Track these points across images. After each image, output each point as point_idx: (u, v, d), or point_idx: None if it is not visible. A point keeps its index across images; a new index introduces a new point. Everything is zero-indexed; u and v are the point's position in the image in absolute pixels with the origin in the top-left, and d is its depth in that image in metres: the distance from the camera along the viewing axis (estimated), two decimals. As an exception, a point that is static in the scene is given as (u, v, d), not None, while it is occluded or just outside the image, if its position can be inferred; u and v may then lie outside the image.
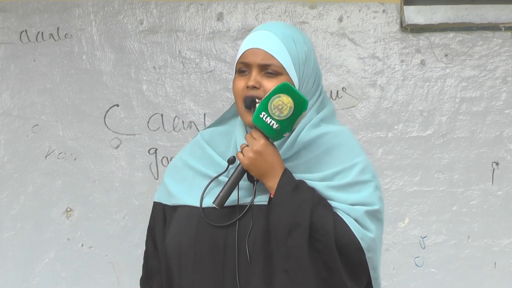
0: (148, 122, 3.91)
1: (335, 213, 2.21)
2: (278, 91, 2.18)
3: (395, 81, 3.92)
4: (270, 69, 2.25)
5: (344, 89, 3.90)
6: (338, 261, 2.18)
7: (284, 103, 2.17)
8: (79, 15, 3.90)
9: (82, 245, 3.90)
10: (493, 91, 3.92)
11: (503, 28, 3.91)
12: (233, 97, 2.30)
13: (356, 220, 2.22)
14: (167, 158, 3.89)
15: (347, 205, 2.23)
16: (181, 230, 2.28)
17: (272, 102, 2.18)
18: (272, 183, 2.21)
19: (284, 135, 2.22)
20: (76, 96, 3.90)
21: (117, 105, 3.90)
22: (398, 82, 3.92)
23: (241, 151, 2.22)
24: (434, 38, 3.91)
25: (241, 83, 2.27)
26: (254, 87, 2.24)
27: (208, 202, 2.25)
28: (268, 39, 2.27)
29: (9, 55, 3.90)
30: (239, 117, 2.32)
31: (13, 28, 3.90)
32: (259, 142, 2.20)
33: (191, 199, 2.30)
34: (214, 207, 2.22)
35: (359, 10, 3.91)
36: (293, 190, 2.20)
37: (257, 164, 2.20)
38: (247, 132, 2.29)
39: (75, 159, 3.90)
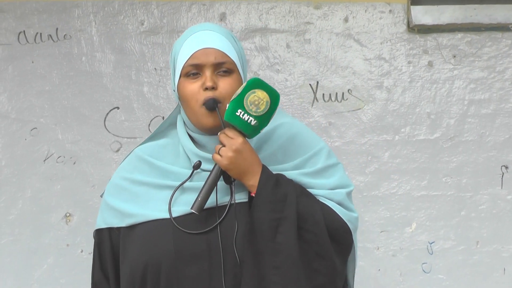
0: (149, 125, 3.89)
1: (319, 200, 2.23)
2: (252, 87, 2.16)
3: (402, 83, 3.91)
4: (224, 67, 2.22)
5: (349, 91, 3.90)
6: (331, 248, 2.18)
7: (260, 98, 2.16)
8: (79, 15, 3.90)
9: (81, 251, 3.90)
10: (502, 93, 3.92)
11: (512, 29, 3.94)
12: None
13: (339, 204, 2.24)
14: (168, 162, 3.87)
15: (327, 191, 2.25)
16: (152, 246, 2.20)
17: (247, 99, 2.15)
18: (253, 181, 2.18)
19: (261, 130, 2.20)
20: (76, 98, 3.89)
21: (118, 108, 3.89)
22: (405, 84, 3.91)
23: (218, 153, 2.17)
24: (442, 38, 3.91)
25: (194, 85, 2.22)
26: (212, 88, 2.20)
27: (176, 211, 2.20)
28: (217, 38, 2.24)
29: (6, 56, 3.89)
30: (177, 127, 2.29)
31: (11, 29, 3.89)
32: (238, 140, 2.17)
33: (155, 213, 2.23)
34: (185, 215, 2.18)
35: (365, 10, 3.90)
36: (275, 185, 2.19)
37: (237, 163, 2.17)
38: (192, 140, 2.25)
39: (74, 163, 3.88)
